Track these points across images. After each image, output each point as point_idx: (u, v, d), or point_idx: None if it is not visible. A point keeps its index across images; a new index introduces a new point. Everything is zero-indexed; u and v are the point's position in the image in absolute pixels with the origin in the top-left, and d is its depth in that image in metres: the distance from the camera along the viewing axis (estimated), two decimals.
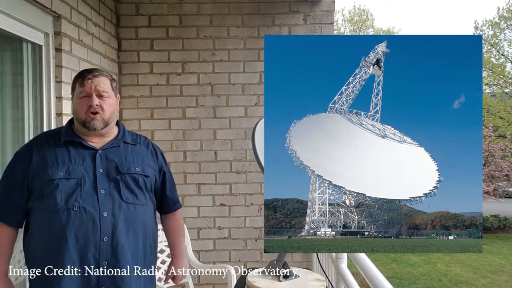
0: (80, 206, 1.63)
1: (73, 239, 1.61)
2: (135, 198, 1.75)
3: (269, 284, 1.93)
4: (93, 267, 1.63)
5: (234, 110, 3.53)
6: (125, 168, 1.76)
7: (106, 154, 1.76)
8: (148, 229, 1.80)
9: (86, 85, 1.71)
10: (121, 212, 1.69)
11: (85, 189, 1.66)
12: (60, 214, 1.62)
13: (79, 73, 1.79)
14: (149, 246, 1.81)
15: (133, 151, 1.84)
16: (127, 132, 1.89)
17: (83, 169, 1.69)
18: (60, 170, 1.66)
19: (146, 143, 1.93)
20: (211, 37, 3.52)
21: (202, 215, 3.53)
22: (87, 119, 1.71)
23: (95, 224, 1.63)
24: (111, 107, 1.77)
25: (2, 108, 2.30)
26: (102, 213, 1.65)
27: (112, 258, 1.65)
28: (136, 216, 1.74)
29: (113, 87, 1.80)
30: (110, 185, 1.71)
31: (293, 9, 3.53)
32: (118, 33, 3.48)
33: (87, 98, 1.71)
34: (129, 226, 1.70)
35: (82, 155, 1.72)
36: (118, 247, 1.66)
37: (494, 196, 13.90)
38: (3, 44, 2.31)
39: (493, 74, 18.87)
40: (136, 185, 1.76)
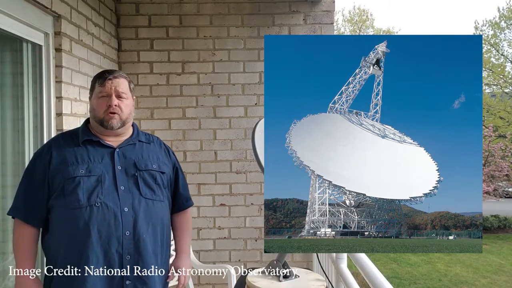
0: (102, 202, 1.68)
1: (96, 234, 1.65)
2: (153, 194, 1.80)
3: (269, 284, 1.93)
4: (117, 261, 1.67)
5: (234, 110, 3.53)
6: (143, 165, 1.81)
7: (124, 152, 1.81)
8: (165, 225, 1.85)
9: (107, 85, 1.76)
10: (141, 207, 1.74)
11: (105, 185, 1.71)
12: (83, 211, 1.66)
13: (100, 73, 1.83)
14: (166, 242, 1.87)
15: (148, 149, 1.90)
16: (141, 132, 1.95)
17: (103, 167, 1.74)
18: (80, 168, 1.70)
19: (159, 142, 2.00)
20: (211, 37, 3.51)
21: (202, 215, 3.53)
22: (106, 117, 1.76)
23: (117, 219, 1.68)
24: (129, 107, 1.82)
25: (2, 108, 2.29)
26: (123, 208, 1.70)
27: (134, 252, 1.70)
28: (155, 211, 1.79)
29: (130, 88, 1.86)
30: (129, 181, 1.76)
31: (293, 9, 3.53)
32: (118, 33, 3.48)
33: (106, 98, 1.76)
34: (148, 220, 1.75)
35: (101, 153, 1.77)
36: (140, 241, 1.71)
37: (494, 196, 13.89)
38: (3, 44, 2.31)
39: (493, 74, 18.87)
40: (154, 182, 1.81)
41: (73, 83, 2.66)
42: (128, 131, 1.88)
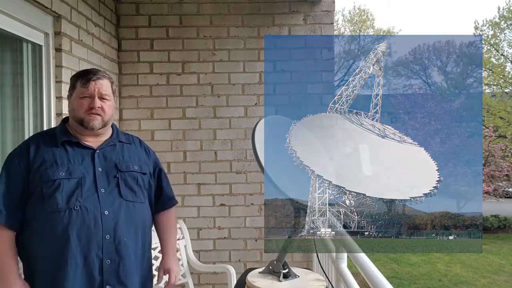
0: (81, 205, 1.63)
1: (75, 239, 1.60)
2: (134, 195, 1.76)
3: (269, 284, 1.94)
4: (97, 266, 1.63)
5: (234, 110, 3.53)
6: (124, 167, 1.77)
7: (104, 153, 1.76)
8: (146, 226, 1.82)
9: (90, 86, 1.71)
10: (121, 210, 1.70)
11: (85, 188, 1.66)
12: (62, 214, 1.61)
13: (82, 72, 1.79)
14: (147, 243, 1.83)
15: (129, 149, 1.85)
16: (120, 132, 1.91)
17: (83, 169, 1.69)
18: (60, 170, 1.65)
19: (139, 141, 1.95)
20: (211, 37, 3.51)
21: (202, 215, 3.53)
22: (86, 118, 1.71)
23: (97, 222, 1.64)
24: (111, 109, 1.78)
25: (2, 108, 2.29)
26: (103, 211, 1.66)
27: (115, 256, 1.66)
28: (136, 213, 1.75)
29: (113, 89, 1.82)
30: (109, 183, 1.71)
31: (293, 9, 3.53)
32: (118, 33, 3.48)
33: (88, 99, 1.71)
34: (130, 223, 1.71)
35: (81, 155, 1.72)
36: (120, 244, 1.67)
37: (494, 196, 13.90)
38: (3, 44, 2.31)
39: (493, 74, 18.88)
40: (135, 183, 1.78)
41: None
42: (107, 131, 1.83)
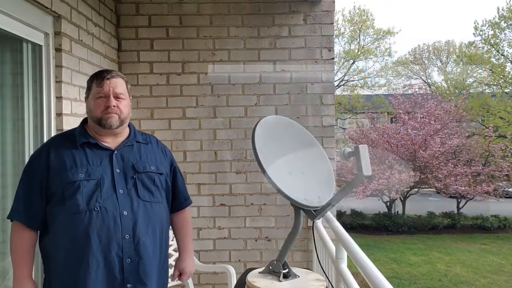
0: (101, 206, 1.66)
1: (96, 239, 1.63)
2: (151, 196, 1.79)
3: (269, 284, 1.93)
4: (118, 265, 1.66)
5: (234, 110, 3.53)
6: (141, 167, 1.80)
7: (122, 154, 1.79)
8: (164, 226, 1.85)
9: (105, 86, 1.74)
10: (139, 210, 1.73)
11: (104, 189, 1.69)
12: (82, 216, 1.64)
13: (97, 73, 1.81)
14: (165, 243, 1.86)
15: (146, 150, 1.88)
16: (138, 132, 1.93)
17: (101, 170, 1.72)
18: (80, 172, 1.68)
19: (156, 141, 1.98)
20: (211, 37, 3.51)
21: (202, 215, 3.53)
22: (104, 116, 1.74)
23: (116, 223, 1.67)
24: (127, 108, 1.81)
25: (2, 108, 2.29)
26: (122, 212, 1.69)
27: (135, 255, 1.69)
28: (154, 213, 1.78)
29: (128, 89, 1.84)
30: (127, 184, 1.74)
31: (293, 9, 3.53)
32: (118, 33, 3.48)
33: (104, 99, 1.74)
34: (148, 223, 1.74)
35: (99, 156, 1.75)
36: (139, 244, 1.70)
37: (494, 196, 13.90)
38: (3, 44, 2.31)
39: (493, 74, 18.88)
40: (152, 184, 1.80)
41: (73, 83, 2.66)
42: (125, 131, 1.85)
